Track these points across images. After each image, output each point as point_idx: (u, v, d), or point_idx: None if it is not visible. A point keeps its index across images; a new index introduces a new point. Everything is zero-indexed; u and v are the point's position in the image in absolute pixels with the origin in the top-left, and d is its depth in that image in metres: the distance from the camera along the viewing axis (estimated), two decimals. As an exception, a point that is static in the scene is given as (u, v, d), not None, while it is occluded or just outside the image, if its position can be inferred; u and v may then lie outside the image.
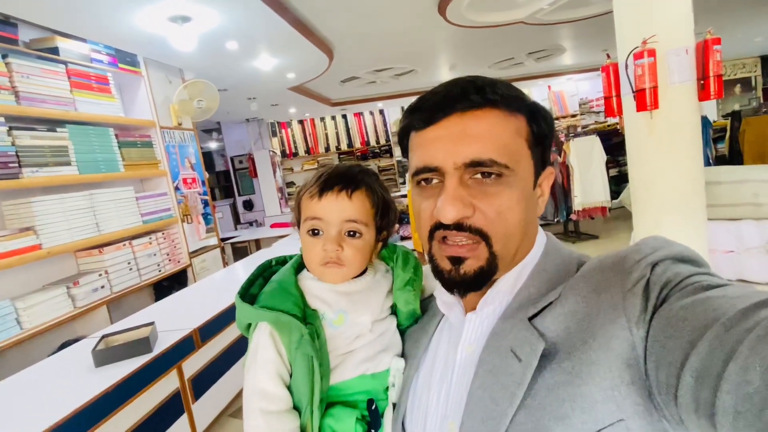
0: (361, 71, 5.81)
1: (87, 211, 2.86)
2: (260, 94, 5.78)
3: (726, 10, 5.18)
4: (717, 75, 2.69)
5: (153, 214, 3.46)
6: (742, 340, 0.35)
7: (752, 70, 10.11)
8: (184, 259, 3.74)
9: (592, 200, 4.52)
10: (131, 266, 3.15)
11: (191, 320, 2.21)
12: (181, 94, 3.76)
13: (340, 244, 0.68)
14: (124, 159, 3.23)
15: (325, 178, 0.70)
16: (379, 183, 0.74)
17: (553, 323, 0.51)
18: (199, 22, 2.97)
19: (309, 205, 0.70)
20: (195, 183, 4.01)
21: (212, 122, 8.15)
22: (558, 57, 6.83)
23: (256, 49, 3.88)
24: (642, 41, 2.70)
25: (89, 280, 2.78)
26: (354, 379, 0.68)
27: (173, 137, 3.83)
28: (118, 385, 1.66)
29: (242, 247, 6.08)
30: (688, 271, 0.46)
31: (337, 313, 0.69)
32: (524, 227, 0.56)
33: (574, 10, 4.11)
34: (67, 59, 2.87)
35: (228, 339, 2.45)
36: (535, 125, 0.56)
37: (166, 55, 3.61)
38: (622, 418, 0.43)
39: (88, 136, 2.95)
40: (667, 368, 0.41)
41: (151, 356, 1.82)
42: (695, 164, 2.86)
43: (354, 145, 9.64)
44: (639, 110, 2.78)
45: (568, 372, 0.46)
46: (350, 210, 0.69)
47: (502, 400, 0.49)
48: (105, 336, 1.90)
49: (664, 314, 0.43)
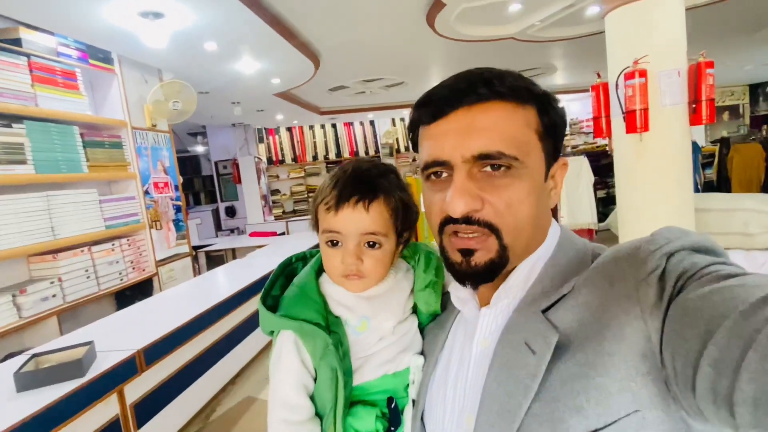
0: (349, 80, 5.70)
1: (42, 213, 2.67)
2: (244, 98, 5.63)
3: (717, 36, 5.18)
4: (709, 99, 2.60)
5: (118, 218, 3.27)
6: (761, 329, 0.35)
7: (740, 98, 10.23)
8: (149, 267, 3.54)
9: (578, 221, 4.42)
10: (89, 274, 2.95)
11: (138, 338, 2.02)
12: (156, 94, 3.60)
13: (360, 257, 0.67)
14: (89, 159, 3.05)
15: (341, 187, 0.67)
16: (398, 184, 0.71)
17: (567, 315, 0.50)
18: (173, 19, 2.83)
19: (326, 217, 0.68)
20: (167, 187, 3.83)
21: (198, 125, 7.98)
22: (549, 76, 6.81)
23: (237, 51, 3.73)
24: (633, 61, 2.61)
25: (38, 288, 2.57)
26: (376, 380, 0.68)
27: (146, 139, 3.66)
28: (41, 412, 1.47)
29: (218, 256, 5.86)
30: (705, 261, 0.45)
31: (361, 320, 0.69)
32: (535, 219, 0.55)
33: (566, 28, 4.05)
34: (30, 51, 2.69)
35: (182, 359, 2.26)
36: (546, 116, 0.56)
37: (141, 53, 3.46)
38: (638, 408, 0.43)
39: (49, 134, 2.77)
40: (684, 358, 0.40)
41: (84, 380, 1.63)
42: (685, 190, 2.76)
43: (343, 154, 9.51)
44: (628, 132, 2.67)
45: (583, 364, 0.46)
46: (368, 222, 0.66)
47: (517, 393, 0.49)
48: (36, 355, 1.71)
49: (681, 304, 0.42)
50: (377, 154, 9.65)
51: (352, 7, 3.19)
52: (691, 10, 3.80)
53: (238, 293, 2.95)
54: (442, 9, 3.23)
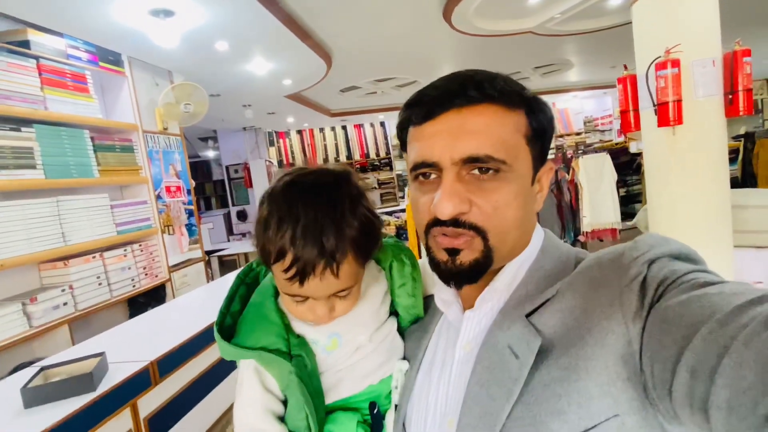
0: (361, 80, 5.62)
1: (52, 219, 2.60)
2: (256, 101, 5.58)
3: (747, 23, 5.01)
4: (747, 89, 2.46)
5: (130, 224, 3.20)
6: (736, 335, 0.35)
7: (759, 93, 9.97)
8: (162, 273, 3.46)
9: (601, 221, 4.27)
10: (101, 281, 2.88)
11: (154, 348, 1.93)
12: (168, 96, 3.53)
13: (332, 306, 0.63)
14: (100, 164, 2.98)
15: (299, 251, 0.55)
16: (359, 202, 0.62)
17: (550, 320, 0.51)
18: (184, 18, 2.75)
19: (287, 284, 0.58)
20: (179, 192, 3.75)
21: (209, 130, 7.96)
22: (565, 72, 6.67)
23: (249, 52, 3.66)
24: (665, 50, 2.47)
25: (49, 296, 2.50)
26: (361, 392, 0.66)
27: (157, 142, 3.59)
28: (50, 431, 1.38)
29: (231, 260, 5.79)
30: (685, 268, 0.46)
31: (330, 338, 0.65)
32: (521, 223, 0.56)
33: (587, 20, 3.92)
34: (39, 54, 2.64)
35: (196, 369, 2.17)
36: (535, 120, 0.56)
37: (151, 54, 3.39)
38: (617, 413, 0.43)
39: (59, 138, 2.71)
40: (662, 363, 0.41)
41: (96, 395, 1.54)
42: (721, 186, 2.60)
43: (353, 157, 9.45)
44: (660, 125, 2.53)
45: (565, 368, 0.47)
46: (339, 284, 0.60)
47: (499, 397, 0.49)
48: (45, 368, 1.62)
49: (660, 310, 0.43)
50: (388, 155, 9.59)
51: (368, 3, 3.09)
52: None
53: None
54: (460, 2, 3.12)
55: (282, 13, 3.00)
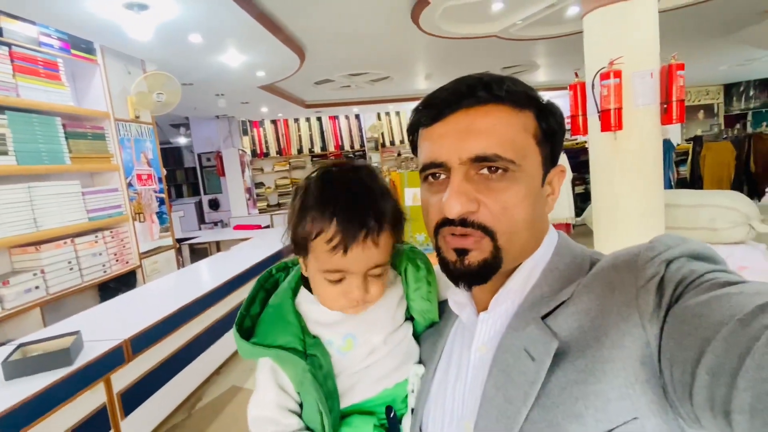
0: (335, 74, 5.71)
1: (23, 204, 2.65)
2: (229, 90, 5.60)
3: (692, 37, 5.35)
4: (679, 100, 2.72)
5: (101, 210, 3.26)
6: (758, 336, 0.35)
7: (715, 98, 10.53)
8: (133, 259, 3.54)
9: (556, 216, 4.54)
10: (72, 266, 2.95)
11: (126, 328, 2.05)
12: (140, 85, 3.58)
13: (366, 288, 0.63)
14: (72, 151, 3.03)
15: (345, 221, 0.59)
16: (389, 190, 0.66)
17: (566, 322, 0.50)
18: (158, 11, 2.82)
19: (329, 256, 0.60)
20: (150, 180, 3.81)
21: (180, 117, 7.88)
22: (532, 73, 6.91)
23: (222, 44, 3.73)
24: (609, 62, 2.71)
25: (21, 280, 2.57)
26: (376, 396, 0.66)
27: (129, 130, 3.64)
28: (30, 400, 1.50)
29: (202, 248, 5.84)
30: (704, 268, 0.45)
31: (345, 338, 0.66)
32: (530, 223, 0.55)
33: (548, 27, 4.14)
34: (10, 41, 2.67)
35: (168, 349, 2.30)
36: (545, 122, 0.56)
37: (124, 44, 3.43)
38: (636, 416, 0.43)
39: (31, 125, 2.75)
40: (682, 365, 0.40)
41: (72, 369, 1.66)
42: (656, 186, 2.88)
43: (328, 148, 9.52)
44: (603, 130, 2.78)
45: (582, 370, 0.46)
46: (378, 256, 0.62)
47: (516, 399, 0.49)
48: (22, 344, 1.73)
49: (679, 311, 0.42)
50: (362, 148, 9.67)
51: (338, 2, 3.21)
52: (669, 12, 3.93)
53: (222, 285, 2.98)
54: (427, 6, 3.28)
55: (254, 8, 3.10)
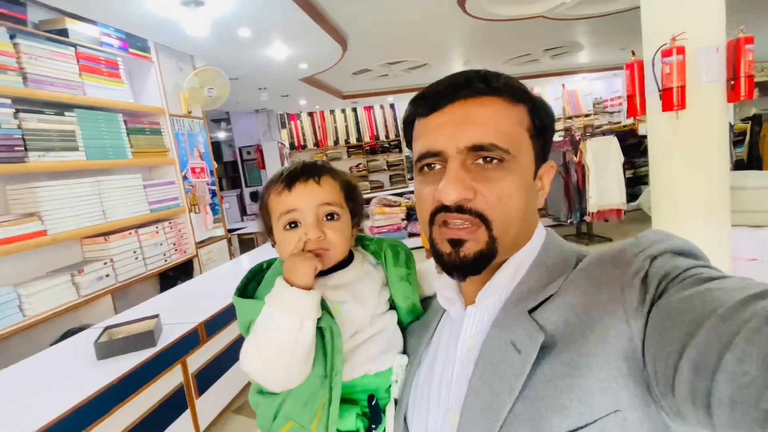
0: (373, 63, 5.72)
1: (93, 197, 2.80)
2: (271, 84, 5.70)
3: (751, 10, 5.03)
4: (748, 75, 2.58)
5: (160, 202, 3.41)
6: (738, 330, 0.36)
7: (771, 74, 9.88)
8: (190, 249, 3.68)
9: (607, 202, 4.42)
10: (137, 255, 3.10)
11: (197, 314, 2.15)
12: (192, 81, 3.69)
13: (321, 230, 0.69)
14: (133, 146, 3.17)
15: (288, 172, 0.71)
16: (341, 172, 0.76)
17: (553, 316, 0.51)
18: (213, 6, 2.89)
19: (280, 200, 0.70)
20: (203, 173, 3.95)
21: (221, 112, 8.09)
22: (574, 55, 6.70)
23: (269, 37, 3.79)
24: (671, 38, 2.59)
25: (94, 268, 2.73)
26: (357, 379, 0.68)
27: (182, 125, 3.77)
28: (121, 379, 1.60)
29: (249, 239, 6.02)
30: (687, 264, 0.46)
31: (332, 305, 0.68)
32: (523, 214, 0.56)
33: (598, 5, 3.99)
34: (76, 42, 2.80)
35: (233, 334, 2.39)
36: (537, 118, 0.58)
37: (176, 41, 3.54)
38: (618, 408, 0.43)
39: (97, 122, 2.89)
40: (665, 359, 0.41)
41: (156, 350, 1.76)
42: (721, 168, 2.75)
43: (363, 139, 9.55)
44: (665, 110, 2.67)
45: (567, 364, 0.47)
46: (323, 194, 0.70)
47: (502, 392, 0.49)
48: (108, 327, 1.84)
49: (663, 306, 0.43)
50: (397, 137, 9.66)
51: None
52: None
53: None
54: (474, -11, 3.23)
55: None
